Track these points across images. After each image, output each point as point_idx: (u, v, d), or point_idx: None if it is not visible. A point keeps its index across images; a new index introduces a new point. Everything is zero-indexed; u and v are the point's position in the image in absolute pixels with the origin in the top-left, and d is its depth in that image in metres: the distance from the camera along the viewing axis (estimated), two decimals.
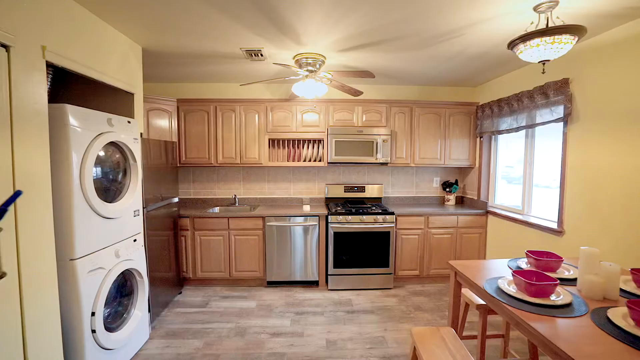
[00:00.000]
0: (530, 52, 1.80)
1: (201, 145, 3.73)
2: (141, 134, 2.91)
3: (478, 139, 3.90)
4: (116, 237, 2.14)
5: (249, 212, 3.57)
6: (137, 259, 2.36)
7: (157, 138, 3.47)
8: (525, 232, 3.07)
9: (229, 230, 3.52)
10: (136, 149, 2.35)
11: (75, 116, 1.78)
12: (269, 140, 3.87)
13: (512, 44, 1.86)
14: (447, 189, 4.13)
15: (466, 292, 2.06)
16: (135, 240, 2.36)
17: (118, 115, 2.17)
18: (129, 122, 2.28)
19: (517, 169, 3.58)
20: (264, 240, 3.54)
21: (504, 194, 3.74)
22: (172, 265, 3.28)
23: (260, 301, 3.28)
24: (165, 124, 3.58)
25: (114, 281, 2.16)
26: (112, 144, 2.17)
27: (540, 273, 1.43)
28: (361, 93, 3.17)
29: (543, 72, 1.80)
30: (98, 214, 1.94)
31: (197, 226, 3.51)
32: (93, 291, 1.90)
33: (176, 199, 3.36)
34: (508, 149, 3.69)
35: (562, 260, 1.59)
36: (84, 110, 1.85)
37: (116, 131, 2.12)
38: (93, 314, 1.87)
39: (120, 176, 2.29)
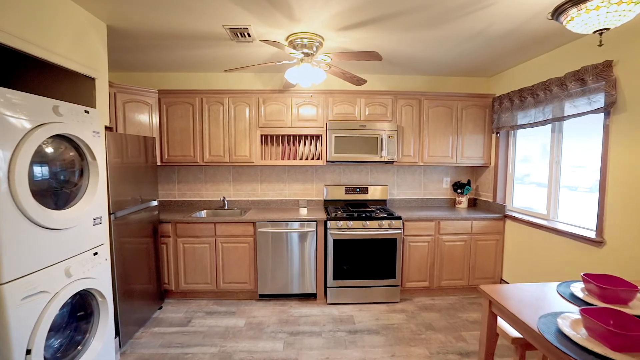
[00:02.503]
0: (585, 19, 1.40)
1: (185, 141, 3.34)
2: (109, 127, 2.53)
3: (494, 135, 3.50)
4: (67, 251, 1.75)
5: (238, 216, 3.18)
6: (98, 277, 1.97)
7: (135, 133, 3.08)
8: (552, 240, 2.68)
9: (215, 237, 3.13)
10: (96, 145, 1.96)
11: (1, 100, 1.39)
12: (261, 136, 3.47)
13: (558, 11, 1.47)
14: (459, 190, 3.74)
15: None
16: (96, 254, 1.97)
17: (70, 103, 1.78)
18: (86, 112, 1.89)
19: (519, 167, 3.36)
20: (255, 248, 3.15)
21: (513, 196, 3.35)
22: (151, 277, 2.89)
23: (250, 318, 2.89)
24: (144, 117, 3.19)
25: (65, 305, 1.78)
26: (64, 138, 1.78)
27: (619, 312, 1.04)
28: (365, 82, 2.78)
29: (600, 45, 1.41)
30: (37, 225, 1.55)
31: (180, 232, 3.12)
32: (30, 322, 1.51)
33: (155, 202, 2.97)
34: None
35: (638, 290, 1.20)
36: (17, 94, 1.46)
37: (66, 122, 1.72)
38: (29, 352, 1.48)
39: (76, 177, 1.90)
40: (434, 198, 3.87)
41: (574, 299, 1.31)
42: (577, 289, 1.38)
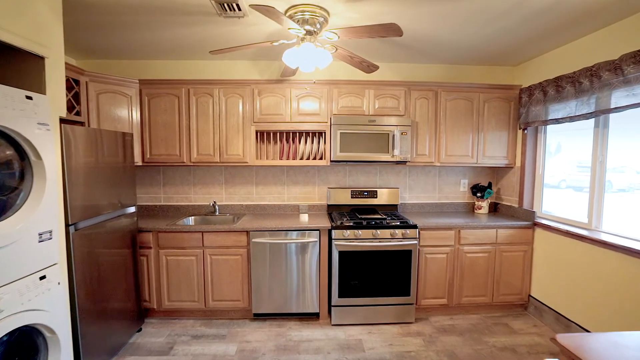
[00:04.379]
0: None
1: (170, 138, 2.94)
2: (77, 122, 2.14)
3: (520, 132, 3.09)
4: None
5: (230, 224, 2.78)
6: (46, 306, 1.56)
7: (112, 129, 2.68)
8: (596, 254, 2.27)
9: (203, 248, 2.72)
10: (43, 141, 1.55)
11: None
12: (257, 132, 3.06)
13: None
14: (479, 194, 3.33)
15: None
16: (43, 278, 1.56)
17: (2, 85, 1.37)
18: (28, 98, 1.48)
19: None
20: (249, 260, 2.74)
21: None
22: (128, 295, 2.49)
23: (242, 343, 2.48)
24: (123, 111, 2.79)
25: None
26: None
27: None
28: (376, 68, 2.37)
29: None
30: None
31: (163, 243, 2.71)
32: None
33: (133, 209, 2.57)
34: None
35: None
36: None
37: None
38: None
39: (15, 181, 1.49)
40: (450, 202, 3.46)
41: None
42: None
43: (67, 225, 1.83)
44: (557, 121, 2.56)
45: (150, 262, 2.72)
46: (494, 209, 3.46)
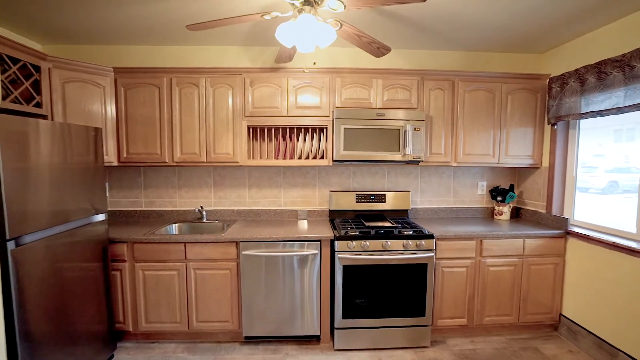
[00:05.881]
0: None
1: (150, 135, 2.57)
2: (24, 112, 1.79)
3: (549, 128, 2.72)
4: None
5: (218, 233, 2.40)
6: None
7: (82, 123, 2.32)
8: None
9: (186, 262, 2.35)
10: None
11: None
12: (249, 128, 2.70)
13: None
14: (499, 198, 2.95)
15: None
16: None
17: None
18: None
19: None
20: (239, 275, 2.37)
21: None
22: (99, 316, 2.14)
23: None
24: (95, 104, 2.43)
25: None
26: None
27: None
28: (388, 50, 2.00)
29: None
30: None
31: (139, 255, 2.34)
32: None
33: (102, 216, 2.19)
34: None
35: None
36: None
37: None
38: None
39: None
40: (467, 207, 3.09)
41: None
42: None
43: (4, 241, 1.46)
44: (599, 114, 2.19)
45: (124, 277, 2.35)
46: (516, 214, 3.09)
